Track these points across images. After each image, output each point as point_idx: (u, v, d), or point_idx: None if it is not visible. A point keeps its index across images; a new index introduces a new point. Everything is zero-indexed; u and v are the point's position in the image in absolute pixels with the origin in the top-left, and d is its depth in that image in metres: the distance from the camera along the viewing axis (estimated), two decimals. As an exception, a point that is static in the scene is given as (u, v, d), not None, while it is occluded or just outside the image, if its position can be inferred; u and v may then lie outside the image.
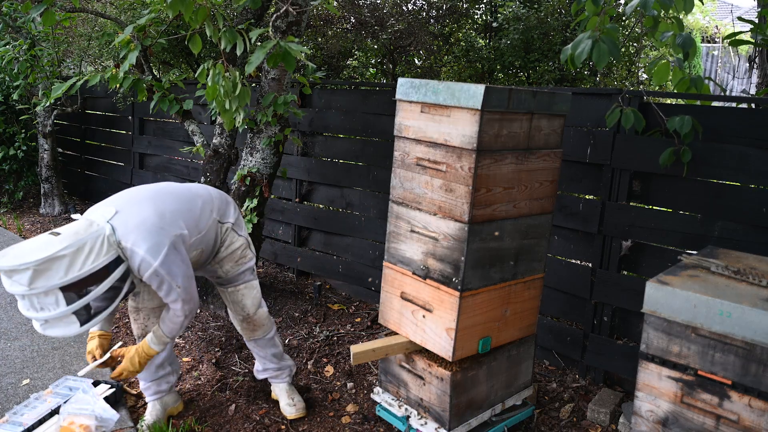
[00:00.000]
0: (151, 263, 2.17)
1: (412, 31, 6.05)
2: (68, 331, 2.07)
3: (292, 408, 2.76)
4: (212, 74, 2.72)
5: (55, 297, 2.01)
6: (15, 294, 2.01)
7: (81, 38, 6.40)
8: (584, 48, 2.29)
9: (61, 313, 2.03)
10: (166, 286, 2.24)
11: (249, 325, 2.69)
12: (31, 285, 1.97)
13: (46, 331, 2.07)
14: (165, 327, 2.35)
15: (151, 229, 2.20)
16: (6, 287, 2.00)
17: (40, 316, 2.02)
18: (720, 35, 11.82)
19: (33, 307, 2.02)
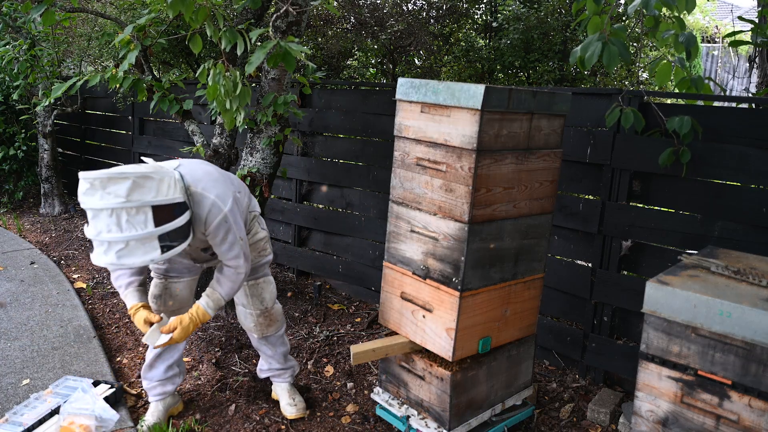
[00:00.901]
0: (222, 208, 2.20)
1: (412, 31, 6.05)
2: (146, 258, 2.00)
3: (293, 408, 2.76)
4: (213, 74, 2.72)
5: (145, 216, 1.97)
6: (104, 208, 1.93)
7: (81, 38, 6.40)
8: (594, 50, 2.28)
9: (149, 233, 1.98)
10: (231, 237, 2.25)
11: (266, 320, 2.68)
12: (128, 196, 1.94)
13: (121, 259, 1.98)
14: (223, 288, 2.35)
15: (218, 179, 2.26)
16: (92, 203, 1.93)
17: (125, 236, 1.94)
18: (720, 35, 11.82)
19: (119, 225, 1.94)
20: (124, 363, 3.22)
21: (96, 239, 1.98)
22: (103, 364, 3.08)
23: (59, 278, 4.29)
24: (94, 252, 2.02)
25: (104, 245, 1.98)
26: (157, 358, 2.62)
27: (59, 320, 3.58)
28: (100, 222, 1.95)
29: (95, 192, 1.94)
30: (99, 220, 1.95)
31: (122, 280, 2.37)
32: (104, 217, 1.95)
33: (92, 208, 1.95)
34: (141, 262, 2.01)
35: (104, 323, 3.70)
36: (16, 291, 4.01)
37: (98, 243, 1.98)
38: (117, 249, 1.97)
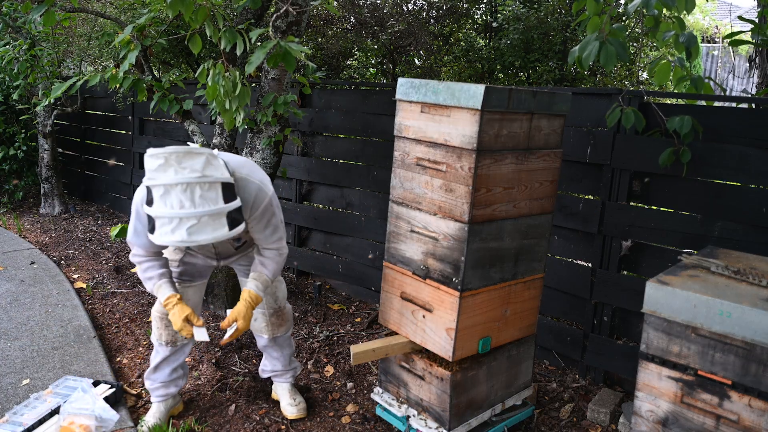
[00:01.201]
0: (267, 192, 2.27)
1: (412, 31, 6.05)
2: (216, 234, 2.00)
3: (294, 408, 2.76)
4: (212, 74, 2.72)
5: (216, 192, 1.99)
6: (180, 182, 1.93)
7: (81, 38, 6.40)
8: (592, 50, 2.28)
9: (221, 209, 1.99)
10: (274, 220, 2.33)
11: (278, 319, 2.69)
12: (204, 171, 1.96)
13: (192, 236, 1.97)
14: (268, 269, 2.41)
15: (258, 167, 2.35)
16: (166, 179, 1.93)
17: (198, 211, 1.95)
18: (720, 35, 11.82)
19: (192, 200, 1.94)
20: (124, 363, 3.22)
21: (167, 216, 1.95)
22: (103, 364, 3.08)
23: (59, 278, 4.29)
24: (157, 232, 1.99)
25: (174, 222, 1.96)
26: (164, 360, 2.62)
27: (59, 320, 3.58)
28: (172, 198, 1.95)
29: (169, 167, 1.94)
30: (171, 196, 1.94)
31: (152, 272, 2.35)
32: (177, 193, 1.94)
33: (166, 183, 1.93)
34: (211, 239, 2.00)
35: (104, 323, 3.70)
36: (16, 291, 4.01)
37: (167, 221, 1.96)
38: (188, 225, 1.96)
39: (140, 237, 2.28)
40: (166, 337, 2.59)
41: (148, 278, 2.37)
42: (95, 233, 5.61)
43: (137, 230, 2.29)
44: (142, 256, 2.35)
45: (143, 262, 2.36)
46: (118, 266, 4.67)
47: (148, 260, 2.36)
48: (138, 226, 2.28)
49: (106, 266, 4.69)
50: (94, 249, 5.15)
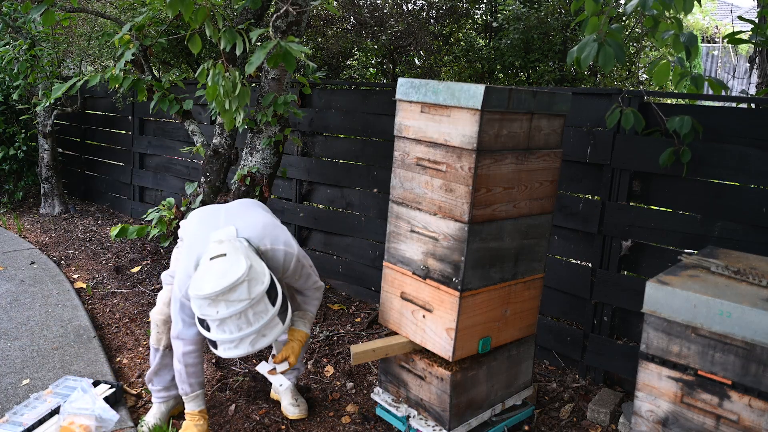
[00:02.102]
0: (293, 253, 2.39)
1: (412, 31, 6.04)
2: (274, 335, 2.16)
3: (296, 408, 2.75)
4: (212, 74, 2.73)
5: (264, 302, 2.12)
6: (232, 314, 2.05)
7: (81, 38, 6.40)
8: (590, 51, 2.28)
9: (273, 313, 2.14)
10: (305, 271, 2.48)
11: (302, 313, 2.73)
12: (251, 295, 2.07)
13: (255, 345, 2.12)
14: (312, 306, 2.58)
15: (276, 226, 2.45)
16: (219, 315, 2.06)
17: (256, 327, 2.09)
18: (720, 35, 11.82)
19: (248, 321, 2.08)
20: (124, 363, 3.22)
21: (228, 340, 2.10)
22: (103, 364, 3.08)
23: (59, 278, 4.29)
24: (221, 348, 2.12)
25: (234, 342, 2.11)
26: (164, 366, 2.63)
27: (59, 320, 3.58)
28: (230, 325, 2.09)
29: (218, 304, 2.06)
30: (227, 325, 2.08)
31: (195, 379, 2.44)
32: (233, 321, 2.08)
33: (219, 318, 2.07)
34: (272, 340, 2.16)
35: (104, 323, 3.70)
36: (16, 291, 4.01)
37: (228, 341, 2.11)
38: (250, 340, 2.11)
39: (189, 328, 2.37)
40: (166, 342, 2.59)
41: (189, 383, 2.44)
42: (95, 233, 5.61)
43: (186, 322, 2.36)
44: (192, 349, 2.40)
45: (190, 356, 2.41)
46: (118, 266, 4.67)
47: (194, 355, 2.41)
48: (186, 318, 2.36)
49: (106, 266, 4.69)
50: (94, 249, 5.15)
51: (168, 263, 4.69)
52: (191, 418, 2.48)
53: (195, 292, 2.09)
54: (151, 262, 4.74)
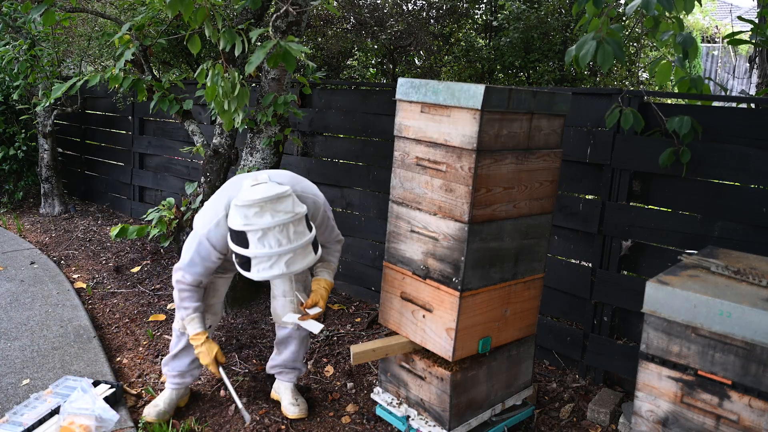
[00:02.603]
0: (321, 202, 2.51)
1: (412, 31, 6.05)
2: (307, 261, 2.23)
3: (296, 408, 2.76)
4: (211, 74, 2.73)
5: (303, 225, 2.22)
6: (277, 224, 2.13)
7: (81, 38, 6.40)
8: (589, 49, 2.28)
9: (309, 238, 2.23)
10: (331, 222, 2.60)
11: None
12: (294, 209, 2.19)
13: (290, 267, 2.17)
14: (335, 257, 2.68)
15: (303, 179, 2.55)
16: (264, 223, 2.13)
17: (295, 245, 2.16)
18: (720, 35, 11.82)
19: (288, 237, 2.15)
20: (124, 363, 3.22)
21: (266, 255, 2.14)
22: (103, 364, 3.08)
23: (59, 278, 4.29)
24: (255, 269, 2.17)
25: (272, 259, 2.15)
26: (184, 350, 2.68)
27: (59, 320, 3.58)
28: (270, 239, 2.14)
29: (265, 213, 2.15)
30: (269, 237, 2.14)
31: (189, 303, 2.48)
32: (275, 233, 2.14)
33: (264, 227, 2.13)
34: (304, 267, 2.22)
35: (104, 323, 3.70)
36: (16, 291, 4.01)
37: (265, 259, 2.15)
38: (286, 259, 2.16)
39: (196, 267, 2.42)
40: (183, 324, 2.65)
41: (183, 307, 2.49)
42: (95, 233, 5.61)
43: (194, 261, 2.42)
44: (187, 284, 2.46)
45: (185, 290, 2.47)
46: (118, 266, 4.67)
47: (190, 290, 2.47)
48: (196, 258, 2.41)
49: (106, 266, 4.69)
50: (94, 249, 5.15)
51: (168, 263, 4.69)
52: (196, 340, 2.50)
53: (243, 200, 2.15)
54: (151, 262, 4.74)
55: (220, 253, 2.42)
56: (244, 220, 2.16)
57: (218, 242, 2.38)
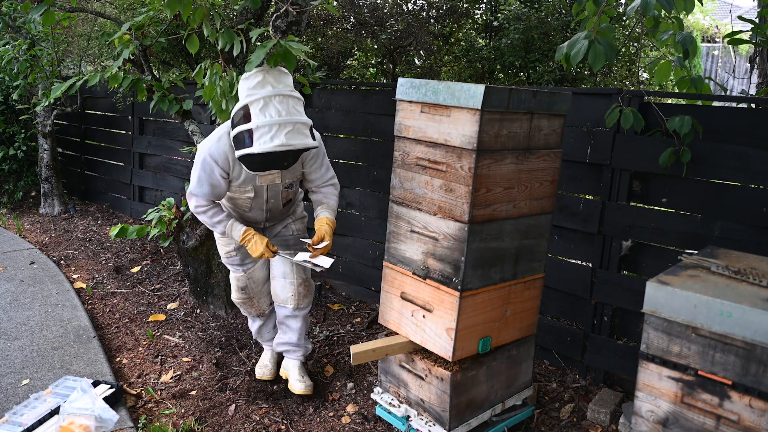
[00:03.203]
0: (317, 135, 2.58)
1: (412, 31, 6.04)
2: (305, 141, 2.32)
3: (302, 384, 2.86)
4: (209, 74, 2.72)
5: (301, 107, 2.38)
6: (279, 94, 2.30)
7: (81, 38, 6.40)
8: (580, 48, 2.28)
9: (306, 120, 2.35)
10: (326, 160, 2.74)
11: (305, 290, 2.86)
12: (294, 91, 2.37)
13: (290, 140, 2.27)
14: (332, 200, 2.78)
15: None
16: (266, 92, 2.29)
17: (294, 118, 2.29)
18: (720, 35, 11.82)
19: (288, 110, 2.29)
20: (124, 363, 3.21)
21: (267, 124, 2.24)
22: (103, 364, 3.07)
23: (59, 278, 4.29)
24: (257, 143, 2.25)
25: (273, 130, 2.25)
26: (263, 325, 3.05)
27: (59, 320, 3.58)
28: (271, 109, 2.27)
29: (267, 84, 2.31)
30: (270, 107, 2.27)
31: (220, 216, 2.62)
32: (275, 104, 2.28)
33: (266, 95, 2.27)
34: (303, 144, 2.31)
35: (104, 323, 3.70)
36: (16, 291, 4.01)
37: (266, 129, 2.24)
38: (286, 131, 2.26)
39: (203, 186, 2.53)
40: (256, 312, 3.00)
41: (217, 222, 2.62)
42: (95, 233, 5.61)
43: (201, 180, 2.52)
44: (205, 205, 2.59)
45: (208, 209, 2.61)
46: (118, 266, 4.67)
47: (211, 207, 2.61)
48: (202, 175, 2.51)
49: (106, 266, 4.69)
50: (93, 249, 5.15)
51: (168, 263, 4.69)
52: (245, 239, 2.62)
53: (247, 74, 2.33)
54: (151, 262, 4.74)
55: (223, 170, 2.51)
56: (246, 92, 2.31)
57: (220, 157, 2.48)
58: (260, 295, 2.96)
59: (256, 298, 2.96)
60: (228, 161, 2.52)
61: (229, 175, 2.56)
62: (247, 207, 2.73)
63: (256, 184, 2.63)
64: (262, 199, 2.71)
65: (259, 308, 3.00)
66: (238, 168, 2.55)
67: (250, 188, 2.64)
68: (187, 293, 4.01)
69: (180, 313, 3.82)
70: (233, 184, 2.60)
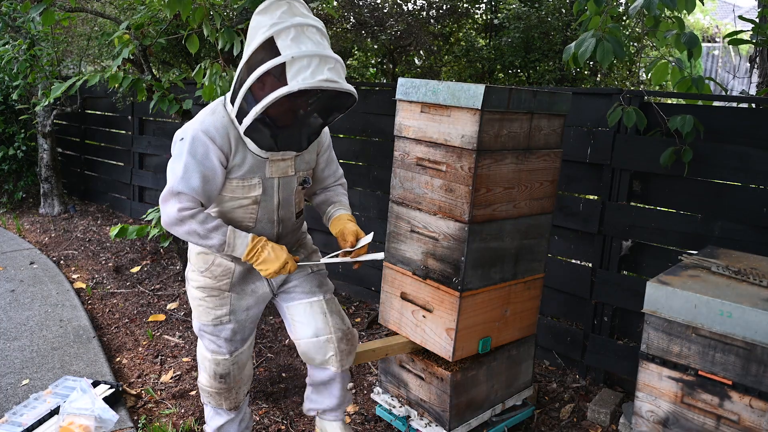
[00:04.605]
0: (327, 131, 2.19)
1: (412, 31, 6.04)
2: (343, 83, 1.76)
3: None
4: (209, 74, 2.72)
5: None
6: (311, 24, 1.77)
7: (80, 38, 6.40)
8: (588, 47, 2.28)
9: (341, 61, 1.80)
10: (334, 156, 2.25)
11: (348, 345, 2.16)
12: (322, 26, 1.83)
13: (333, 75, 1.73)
14: (346, 200, 2.30)
15: None
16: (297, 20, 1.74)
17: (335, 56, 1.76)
18: (720, 35, 11.82)
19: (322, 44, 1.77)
20: (123, 363, 3.21)
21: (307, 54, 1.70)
22: (103, 365, 3.07)
23: (59, 278, 4.29)
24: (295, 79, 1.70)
25: (313, 63, 1.70)
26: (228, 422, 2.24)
27: (59, 320, 3.58)
28: (306, 40, 1.74)
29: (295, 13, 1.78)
30: (304, 37, 1.74)
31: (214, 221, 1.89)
32: (311, 34, 1.76)
33: (297, 24, 1.74)
34: (347, 88, 1.77)
35: (104, 323, 3.70)
36: (16, 291, 4.01)
37: (305, 63, 1.70)
38: (328, 66, 1.73)
39: (191, 178, 1.83)
40: (230, 404, 2.17)
41: (212, 229, 1.88)
42: (95, 233, 5.61)
43: (188, 169, 1.83)
44: (192, 207, 1.85)
45: (197, 213, 1.86)
46: (118, 266, 4.67)
47: (200, 210, 1.87)
48: (190, 162, 1.83)
49: (106, 266, 4.69)
50: (93, 249, 5.14)
51: (168, 263, 4.69)
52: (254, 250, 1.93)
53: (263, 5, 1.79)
54: (151, 262, 4.74)
55: (221, 151, 1.85)
56: (270, 21, 1.75)
57: (218, 132, 1.84)
58: (241, 383, 2.18)
59: (235, 389, 2.16)
60: (228, 139, 1.86)
61: (228, 162, 1.88)
62: (251, 218, 2.00)
63: (265, 175, 1.94)
64: (272, 204, 2.01)
65: (236, 400, 2.18)
66: (241, 150, 1.89)
67: (257, 182, 1.93)
68: (186, 293, 4.01)
69: (180, 313, 3.82)
70: (232, 176, 1.90)
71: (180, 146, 1.86)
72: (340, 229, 2.15)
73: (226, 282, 2.07)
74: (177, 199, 1.86)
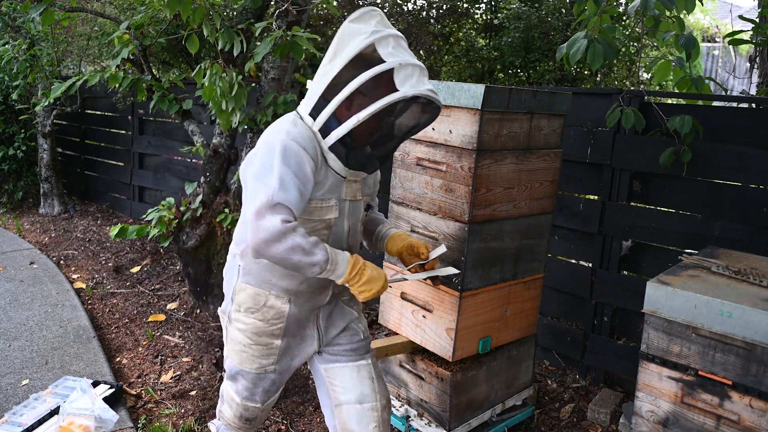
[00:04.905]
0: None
1: (412, 31, 6.04)
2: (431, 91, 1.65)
3: None
4: (209, 74, 2.72)
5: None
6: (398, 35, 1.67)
7: (80, 38, 6.40)
8: (579, 48, 2.28)
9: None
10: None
11: (389, 414, 1.95)
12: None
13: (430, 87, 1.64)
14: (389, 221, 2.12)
15: None
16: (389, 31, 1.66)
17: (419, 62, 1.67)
18: (720, 35, 11.82)
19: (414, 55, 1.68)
20: (123, 363, 3.21)
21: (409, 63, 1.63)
22: (103, 365, 3.07)
23: (59, 278, 4.29)
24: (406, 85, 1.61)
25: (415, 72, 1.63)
26: None
27: (59, 320, 3.58)
28: (401, 50, 1.66)
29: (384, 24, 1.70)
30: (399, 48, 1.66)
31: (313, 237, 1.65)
32: (405, 46, 1.68)
33: (391, 34, 1.66)
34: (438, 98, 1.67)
35: (104, 323, 3.70)
36: (16, 291, 4.01)
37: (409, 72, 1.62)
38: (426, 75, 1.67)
39: (288, 190, 1.59)
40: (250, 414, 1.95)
41: (315, 243, 1.63)
42: (95, 233, 5.61)
43: (284, 180, 1.59)
44: (293, 220, 1.60)
45: (298, 226, 1.61)
46: (118, 266, 4.67)
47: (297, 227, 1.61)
48: (286, 174, 1.60)
49: (106, 266, 4.69)
50: (93, 249, 5.14)
51: (167, 263, 4.69)
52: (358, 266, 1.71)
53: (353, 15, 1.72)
54: (151, 262, 4.74)
55: (313, 161, 1.66)
56: (367, 28, 1.66)
57: (304, 141, 1.65)
58: (262, 419, 2.02)
59: (256, 426, 2.02)
60: (317, 151, 1.68)
61: (316, 171, 1.69)
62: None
63: (341, 195, 1.76)
64: (343, 229, 1.81)
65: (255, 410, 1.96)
66: (324, 167, 1.71)
67: (334, 203, 1.75)
68: (186, 293, 4.01)
69: (180, 313, 3.82)
70: (313, 194, 1.70)
71: (267, 158, 1.63)
72: (405, 244, 1.96)
73: (279, 327, 1.82)
74: (276, 212, 1.58)
